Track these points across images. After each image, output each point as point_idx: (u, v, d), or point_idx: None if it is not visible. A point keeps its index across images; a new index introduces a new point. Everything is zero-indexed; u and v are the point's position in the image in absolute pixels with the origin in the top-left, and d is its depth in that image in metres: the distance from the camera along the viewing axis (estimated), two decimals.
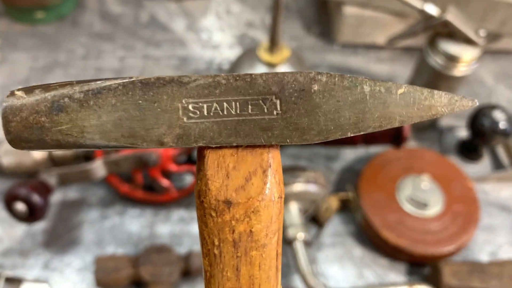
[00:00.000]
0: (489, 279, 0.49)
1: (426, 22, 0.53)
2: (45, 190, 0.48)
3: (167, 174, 0.54)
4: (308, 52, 0.72)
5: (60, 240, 0.52)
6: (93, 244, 0.52)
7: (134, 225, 0.54)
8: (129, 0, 0.76)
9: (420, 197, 0.54)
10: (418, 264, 0.54)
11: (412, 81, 0.62)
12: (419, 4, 0.52)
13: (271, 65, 0.57)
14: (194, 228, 0.54)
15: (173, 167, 0.52)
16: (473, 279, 0.49)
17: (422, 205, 0.54)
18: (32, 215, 0.47)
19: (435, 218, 0.53)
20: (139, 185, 0.54)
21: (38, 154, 0.53)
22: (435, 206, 0.54)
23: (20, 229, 0.53)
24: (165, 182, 0.53)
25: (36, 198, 0.46)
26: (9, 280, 0.48)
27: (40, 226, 0.53)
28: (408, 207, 0.54)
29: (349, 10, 0.68)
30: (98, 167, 0.51)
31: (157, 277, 0.48)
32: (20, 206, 0.46)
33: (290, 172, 0.49)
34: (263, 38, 0.73)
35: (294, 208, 0.50)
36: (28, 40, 0.69)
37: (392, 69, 0.71)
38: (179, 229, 0.54)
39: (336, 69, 0.71)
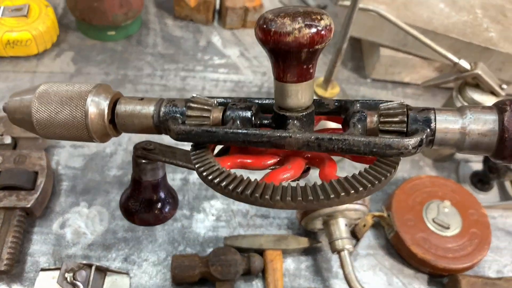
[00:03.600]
0: None
1: (459, 73, 0.64)
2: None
3: None
4: (344, 84, 0.82)
5: (137, 237, 0.61)
6: (166, 243, 0.61)
7: (200, 228, 0.63)
8: (188, 25, 0.85)
9: (443, 220, 0.64)
10: (437, 276, 0.63)
11: None
12: (455, 59, 0.62)
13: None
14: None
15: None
16: None
17: (445, 227, 0.63)
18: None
19: (455, 239, 0.63)
20: None
21: (94, 112, 0.33)
22: (455, 228, 0.64)
23: (101, 225, 0.61)
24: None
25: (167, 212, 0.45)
26: (98, 269, 0.56)
27: (119, 223, 0.61)
28: (433, 227, 0.64)
29: (385, 52, 0.78)
30: None
31: (224, 275, 0.57)
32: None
33: None
34: None
35: (342, 223, 0.59)
36: (99, 55, 0.77)
37: (416, 104, 0.81)
38: (236, 233, 0.63)
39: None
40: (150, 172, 0.42)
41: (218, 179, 0.31)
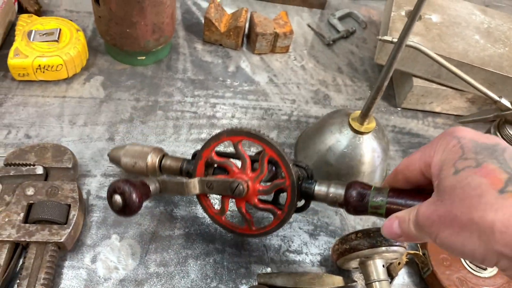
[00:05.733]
0: None
1: (499, 111, 0.62)
2: (143, 192, 0.53)
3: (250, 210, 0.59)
4: (374, 113, 0.81)
5: (169, 272, 0.59)
6: (198, 279, 0.60)
7: (232, 263, 0.61)
8: (217, 50, 0.84)
9: None
10: None
11: None
12: (496, 97, 0.61)
13: (358, 133, 0.65)
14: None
15: (257, 203, 0.56)
16: None
17: (483, 268, 0.62)
18: (125, 210, 0.51)
19: (493, 280, 0.62)
20: (224, 212, 0.59)
21: (150, 161, 0.60)
22: (493, 269, 0.63)
23: (133, 260, 0.60)
24: (247, 216, 0.58)
25: (133, 196, 0.51)
26: None
27: (151, 257, 0.60)
28: (469, 268, 0.62)
29: (418, 82, 0.77)
30: (195, 184, 0.56)
31: None
32: (118, 198, 0.51)
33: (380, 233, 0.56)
34: (334, 96, 0.82)
35: (379, 264, 0.57)
36: (129, 80, 0.77)
37: None
38: (269, 269, 0.62)
39: (399, 130, 0.79)
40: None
41: None
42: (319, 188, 0.54)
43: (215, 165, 0.59)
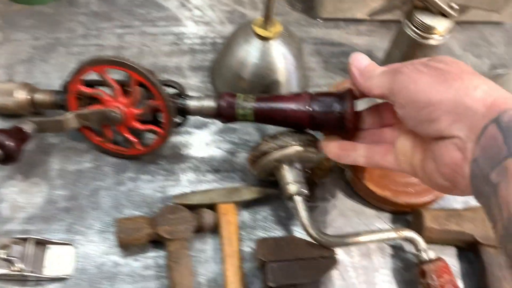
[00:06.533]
0: (463, 222, 0.57)
1: None
2: (20, 137, 0.53)
3: (135, 132, 0.58)
4: (294, 26, 0.77)
5: (80, 205, 0.57)
6: (111, 208, 0.57)
7: (147, 190, 0.59)
8: None
9: None
10: (400, 213, 0.61)
11: (391, 52, 0.68)
12: None
13: (265, 39, 0.62)
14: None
15: (138, 125, 0.57)
16: (451, 223, 0.57)
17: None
18: (6, 159, 0.52)
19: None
20: (109, 139, 0.59)
21: (20, 98, 0.58)
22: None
23: (40, 197, 0.57)
24: (131, 137, 0.58)
25: (10, 144, 0.51)
26: (38, 242, 0.53)
27: (59, 193, 0.57)
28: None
29: None
30: (70, 120, 0.56)
31: (173, 234, 0.54)
32: None
33: (293, 134, 0.54)
34: (251, 14, 0.78)
35: (292, 166, 0.55)
36: (27, 20, 0.72)
37: (371, 41, 0.77)
38: (188, 190, 0.60)
39: (320, 42, 0.76)
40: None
41: None
42: (193, 103, 0.55)
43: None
